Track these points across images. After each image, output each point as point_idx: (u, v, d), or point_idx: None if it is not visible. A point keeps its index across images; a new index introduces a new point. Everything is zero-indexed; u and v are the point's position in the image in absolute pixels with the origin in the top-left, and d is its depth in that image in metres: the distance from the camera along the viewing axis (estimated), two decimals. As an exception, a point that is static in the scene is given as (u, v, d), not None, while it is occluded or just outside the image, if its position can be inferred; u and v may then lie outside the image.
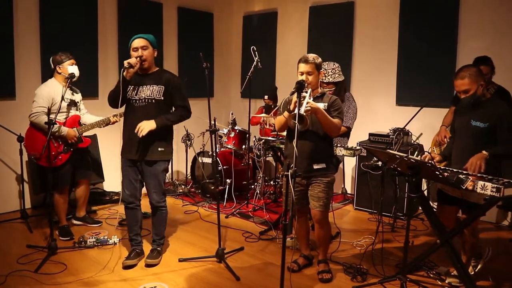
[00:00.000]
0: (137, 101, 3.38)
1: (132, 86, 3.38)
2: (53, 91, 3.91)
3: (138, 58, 3.30)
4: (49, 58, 4.04)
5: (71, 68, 3.95)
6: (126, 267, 3.43)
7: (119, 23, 5.62)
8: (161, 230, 3.65)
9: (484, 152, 2.86)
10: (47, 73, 4.32)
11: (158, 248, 3.63)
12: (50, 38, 4.88)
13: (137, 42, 3.36)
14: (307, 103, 2.86)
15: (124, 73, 3.24)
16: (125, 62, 3.24)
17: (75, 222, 4.41)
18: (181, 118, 3.51)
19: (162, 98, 3.39)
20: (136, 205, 3.54)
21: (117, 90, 3.28)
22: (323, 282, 3.28)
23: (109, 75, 5.54)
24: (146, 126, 3.26)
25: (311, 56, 3.19)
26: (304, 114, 2.76)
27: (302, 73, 3.15)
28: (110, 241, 3.92)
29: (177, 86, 3.46)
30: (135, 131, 3.26)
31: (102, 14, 5.43)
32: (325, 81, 3.89)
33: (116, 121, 4.05)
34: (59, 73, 3.97)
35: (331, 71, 3.90)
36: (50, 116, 3.50)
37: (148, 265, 3.48)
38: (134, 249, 3.58)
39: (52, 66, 4.01)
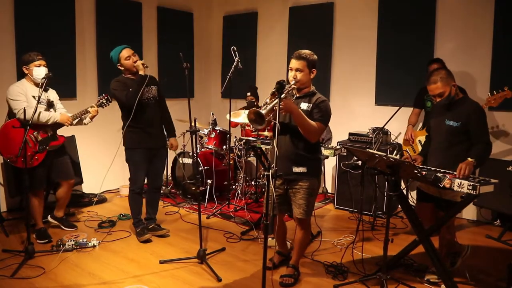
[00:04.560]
0: (148, 99, 3.97)
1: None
2: (23, 91, 3.80)
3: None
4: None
5: (37, 69, 3.81)
6: (144, 241, 4.01)
7: (97, 22, 5.54)
8: (157, 207, 4.34)
9: (469, 159, 2.91)
10: (22, 74, 4.22)
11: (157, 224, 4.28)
12: (26, 37, 4.76)
13: (129, 51, 3.93)
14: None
15: (143, 72, 3.84)
16: (144, 63, 3.87)
17: (51, 220, 4.28)
18: None
19: (157, 96, 4.08)
20: (143, 191, 4.13)
21: (138, 88, 3.77)
22: (282, 286, 3.17)
23: (87, 75, 5.46)
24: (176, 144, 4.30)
25: (305, 52, 3.03)
26: (263, 113, 2.73)
27: (291, 69, 3.02)
28: (90, 244, 3.86)
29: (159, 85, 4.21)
30: (173, 150, 4.32)
31: (79, 13, 5.34)
32: None
33: (96, 113, 4.01)
34: (26, 74, 3.87)
35: None
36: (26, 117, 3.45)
37: (160, 236, 4.15)
38: (142, 227, 4.09)
39: (21, 65, 3.90)
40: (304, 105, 3.05)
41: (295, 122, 2.96)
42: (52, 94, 4.11)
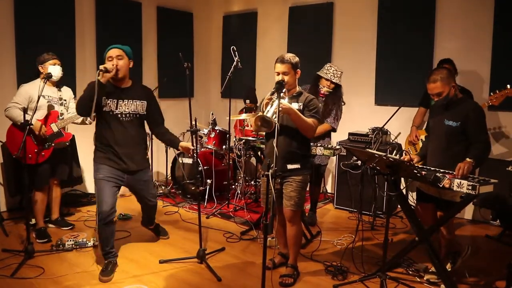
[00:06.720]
0: (122, 115, 3.35)
1: (111, 99, 3.31)
2: (32, 89, 3.89)
3: (114, 65, 3.24)
4: (24, 59, 4.02)
5: (51, 68, 3.97)
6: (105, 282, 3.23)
7: (97, 22, 5.54)
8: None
9: (468, 159, 2.91)
10: (22, 74, 4.25)
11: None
12: (26, 37, 4.77)
13: (113, 52, 3.29)
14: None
15: (99, 77, 3.10)
16: (101, 66, 3.15)
17: (50, 226, 4.29)
18: None
19: (145, 113, 3.48)
20: (113, 217, 3.34)
21: (89, 95, 3.08)
22: (282, 286, 3.20)
23: (86, 75, 5.44)
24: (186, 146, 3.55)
25: (288, 55, 3.16)
26: (269, 117, 2.83)
27: (278, 73, 3.12)
28: (89, 243, 3.86)
29: (155, 100, 3.61)
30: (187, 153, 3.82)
31: (79, 13, 5.34)
32: (333, 80, 4.25)
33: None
34: (42, 73, 4.00)
35: (339, 74, 4.30)
36: (26, 116, 3.48)
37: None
38: (110, 261, 3.37)
39: (37, 65, 4.03)
40: (295, 105, 3.15)
41: (294, 122, 3.06)
42: (66, 93, 4.21)
